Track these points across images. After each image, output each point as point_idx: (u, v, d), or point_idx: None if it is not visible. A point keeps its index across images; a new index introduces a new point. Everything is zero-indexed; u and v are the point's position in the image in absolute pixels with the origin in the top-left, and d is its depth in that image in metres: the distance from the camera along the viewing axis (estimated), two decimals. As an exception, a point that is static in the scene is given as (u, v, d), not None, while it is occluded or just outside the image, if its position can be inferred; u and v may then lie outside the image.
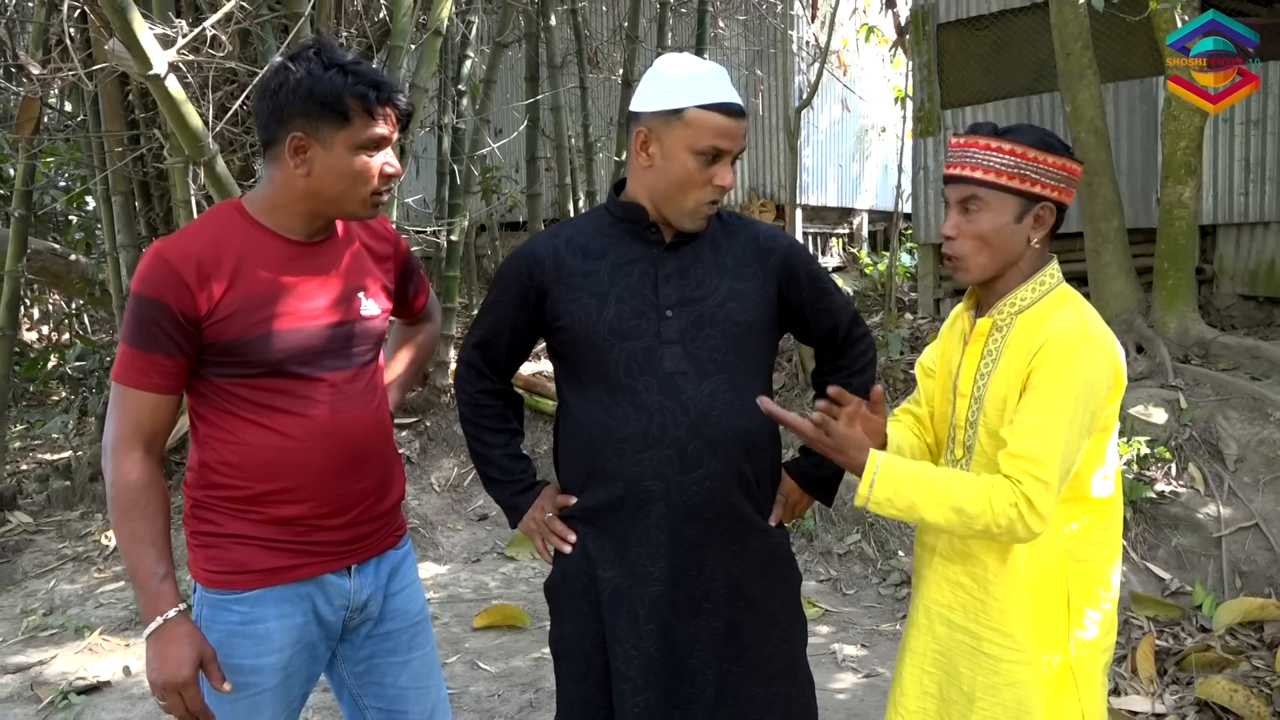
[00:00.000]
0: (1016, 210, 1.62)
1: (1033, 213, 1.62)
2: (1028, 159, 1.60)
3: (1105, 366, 1.57)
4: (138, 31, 3.31)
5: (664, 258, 1.79)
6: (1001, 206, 1.62)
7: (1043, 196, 1.61)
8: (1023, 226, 1.63)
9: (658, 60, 1.80)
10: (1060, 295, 1.65)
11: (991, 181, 1.61)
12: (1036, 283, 1.66)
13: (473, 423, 1.96)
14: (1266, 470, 4.10)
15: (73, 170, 7.69)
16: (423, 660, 1.88)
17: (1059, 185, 1.62)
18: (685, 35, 7.98)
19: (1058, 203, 1.63)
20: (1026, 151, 1.60)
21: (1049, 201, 1.62)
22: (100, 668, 3.72)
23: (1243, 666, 3.30)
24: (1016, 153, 1.60)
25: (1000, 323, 1.67)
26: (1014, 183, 1.60)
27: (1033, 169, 1.60)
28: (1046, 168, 1.60)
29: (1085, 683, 1.65)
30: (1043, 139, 1.61)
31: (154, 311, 1.57)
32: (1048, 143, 1.61)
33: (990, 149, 1.61)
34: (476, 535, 5.33)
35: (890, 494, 1.57)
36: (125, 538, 1.60)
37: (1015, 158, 1.60)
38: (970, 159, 1.63)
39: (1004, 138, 1.61)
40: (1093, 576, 1.66)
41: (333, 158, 1.62)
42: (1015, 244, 1.64)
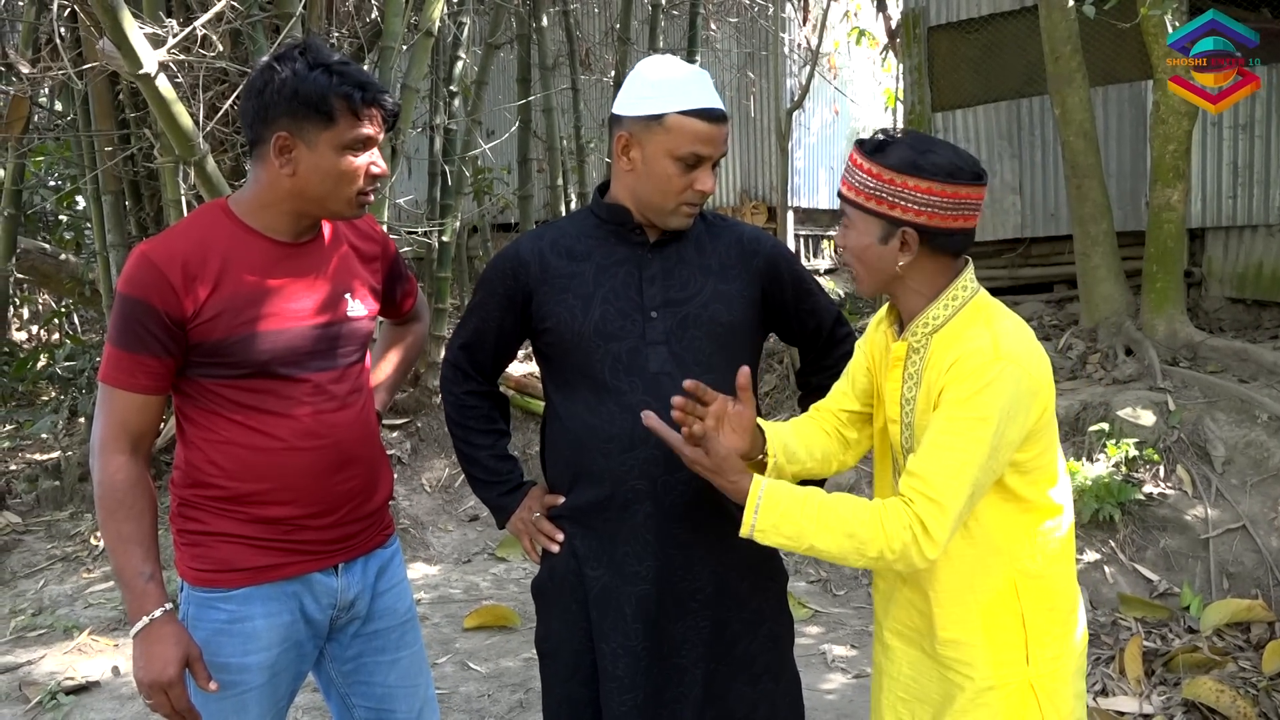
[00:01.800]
0: (879, 232, 1.55)
1: (896, 236, 1.53)
2: (883, 180, 1.51)
3: (1022, 384, 1.48)
4: (128, 31, 3.30)
5: (648, 259, 1.80)
6: (865, 227, 1.56)
7: (903, 221, 1.52)
8: (889, 249, 1.55)
9: (640, 63, 1.81)
10: (974, 310, 1.56)
11: (853, 200, 1.56)
12: (948, 299, 1.57)
13: (459, 424, 1.97)
14: (1254, 472, 4.12)
15: (63, 169, 7.67)
16: (411, 659, 1.88)
17: (926, 210, 1.51)
18: (677, 37, 7.99)
19: (925, 227, 1.52)
20: (883, 173, 1.51)
21: (909, 226, 1.52)
22: (89, 668, 3.71)
23: (1229, 667, 3.32)
24: (873, 173, 1.53)
25: (915, 344, 1.60)
26: (870, 204, 1.54)
27: (889, 191, 1.51)
28: (907, 191, 1.50)
29: (1049, 700, 1.58)
30: (912, 161, 1.51)
31: (140, 313, 1.57)
32: (917, 165, 1.50)
33: (859, 168, 1.55)
34: (467, 536, 5.33)
35: (775, 521, 1.49)
36: (112, 537, 1.60)
37: (873, 179, 1.53)
38: (845, 173, 1.59)
39: (872, 157, 1.54)
40: (1048, 590, 1.59)
41: (318, 157, 1.62)
42: (885, 266, 1.56)
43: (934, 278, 1.58)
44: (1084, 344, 5.58)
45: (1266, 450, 4.15)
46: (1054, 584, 1.60)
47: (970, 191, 1.52)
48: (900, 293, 1.60)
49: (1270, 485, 4.07)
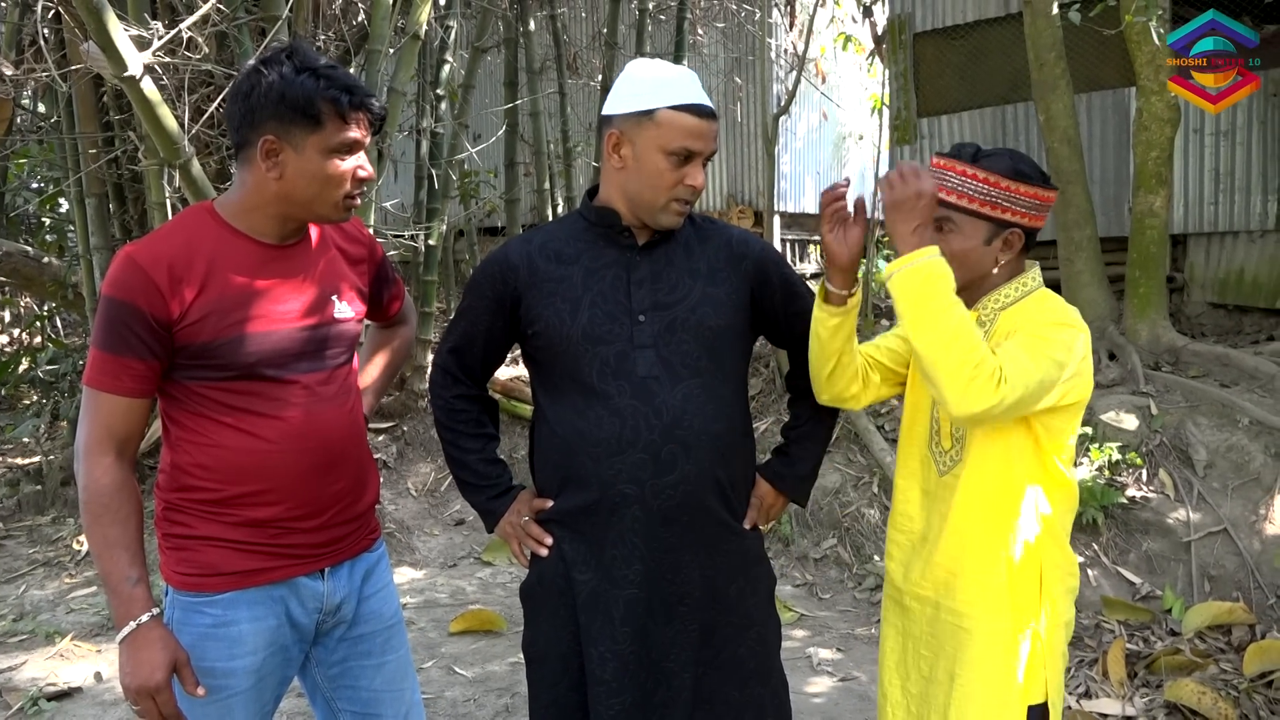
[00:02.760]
0: (986, 234, 1.69)
1: (1001, 237, 1.70)
2: (999, 187, 1.66)
3: (1085, 346, 1.64)
4: (113, 33, 3.29)
5: (637, 262, 1.81)
6: (972, 230, 1.69)
7: (1012, 223, 1.68)
8: (991, 249, 1.70)
9: (629, 65, 1.82)
10: (1045, 295, 1.74)
11: (964, 207, 1.68)
12: (1019, 283, 1.74)
13: (448, 428, 1.96)
14: (1235, 476, 4.16)
15: (46, 172, 7.62)
16: (397, 664, 1.88)
17: (1029, 212, 1.69)
18: (664, 42, 8.01)
19: (1027, 228, 1.70)
20: (999, 180, 1.66)
21: (1018, 227, 1.69)
22: (71, 673, 3.68)
23: (1211, 669, 3.35)
24: (990, 181, 1.66)
25: (984, 318, 1.74)
26: (985, 209, 1.67)
27: (1004, 197, 1.66)
28: (1018, 196, 1.67)
29: (1052, 655, 1.72)
30: (1017, 168, 1.67)
31: (125, 315, 1.56)
32: (1022, 172, 1.67)
33: (966, 175, 1.67)
34: (453, 540, 5.31)
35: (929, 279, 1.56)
36: (98, 542, 1.59)
37: (988, 186, 1.66)
38: (947, 182, 1.69)
39: (979, 164, 1.67)
40: (1062, 549, 1.74)
41: (304, 161, 1.62)
42: (984, 265, 1.72)
43: (1013, 268, 1.75)
44: (1068, 349, 5.62)
45: (1247, 454, 4.19)
46: (1066, 549, 1.74)
47: (1051, 195, 1.71)
48: (980, 284, 1.74)
49: (1251, 489, 4.11)
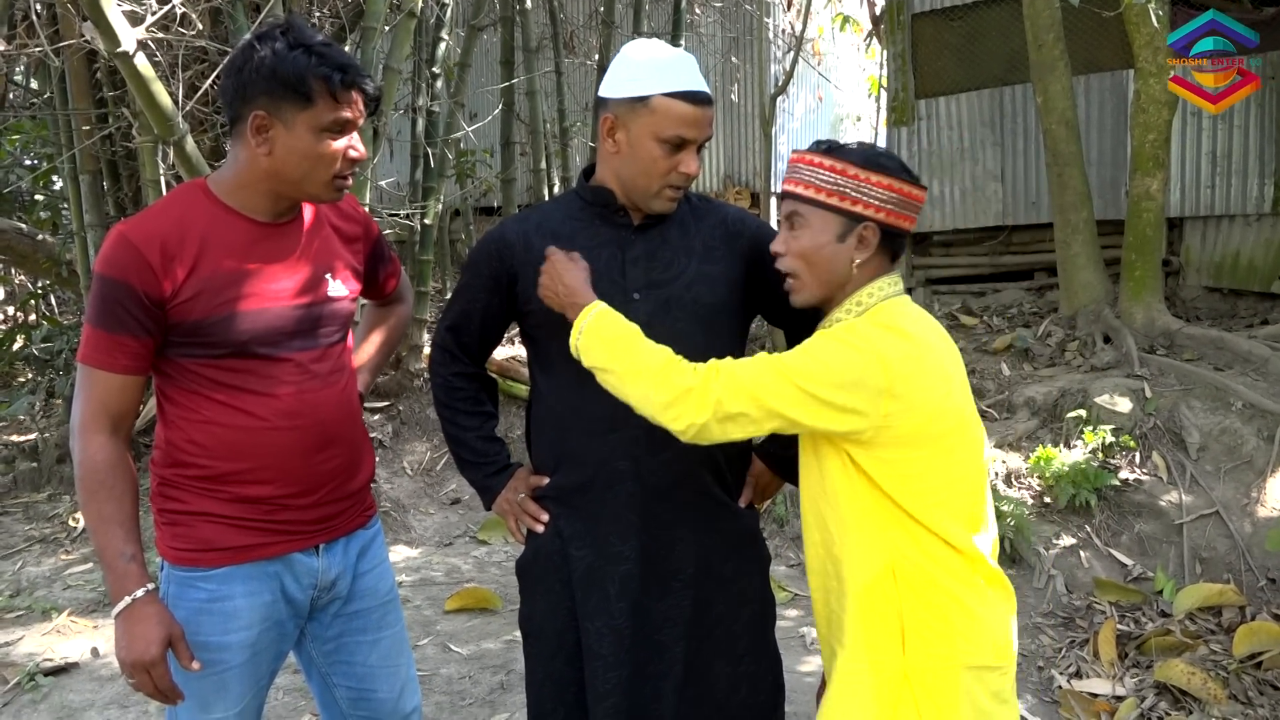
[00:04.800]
0: (838, 229, 1.57)
1: (855, 233, 1.57)
2: (848, 176, 1.56)
3: (873, 363, 1.48)
4: (106, 8, 3.26)
5: (632, 241, 1.80)
6: (822, 225, 1.58)
7: (864, 216, 1.56)
8: (845, 247, 1.58)
9: (626, 46, 1.80)
10: (884, 309, 1.58)
11: (810, 198, 1.58)
12: (852, 303, 1.60)
13: (447, 405, 1.97)
14: (1228, 459, 4.18)
15: (39, 148, 7.57)
16: (392, 640, 1.89)
17: (885, 206, 1.56)
18: (661, 21, 7.96)
19: (884, 225, 1.57)
20: (848, 169, 1.56)
21: (871, 222, 1.57)
22: (68, 649, 3.70)
23: (1201, 650, 3.37)
24: (837, 169, 1.56)
25: None
26: (833, 200, 1.56)
27: (854, 187, 1.56)
28: (870, 186, 1.56)
29: (928, 694, 1.52)
30: (872, 158, 1.57)
31: (118, 293, 1.56)
32: (877, 162, 1.57)
33: (814, 164, 1.58)
34: (449, 519, 5.33)
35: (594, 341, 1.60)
36: (93, 518, 1.60)
37: (836, 175, 1.56)
38: (796, 174, 1.60)
39: (831, 153, 1.58)
40: (933, 589, 1.54)
41: (294, 139, 1.61)
42: (838, 264, 1.59)
43: (865, 278, 1.60)
44: (1063, 331, 5.64)
45: (1240, 437, 4.21)
46: (944, 588, 1.53)
47: (918, 193, 1.59)
48: (839, 298, 1.62)
49: (1243, 472, 4.13)
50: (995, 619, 1.57)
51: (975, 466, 1.60)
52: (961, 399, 1.58)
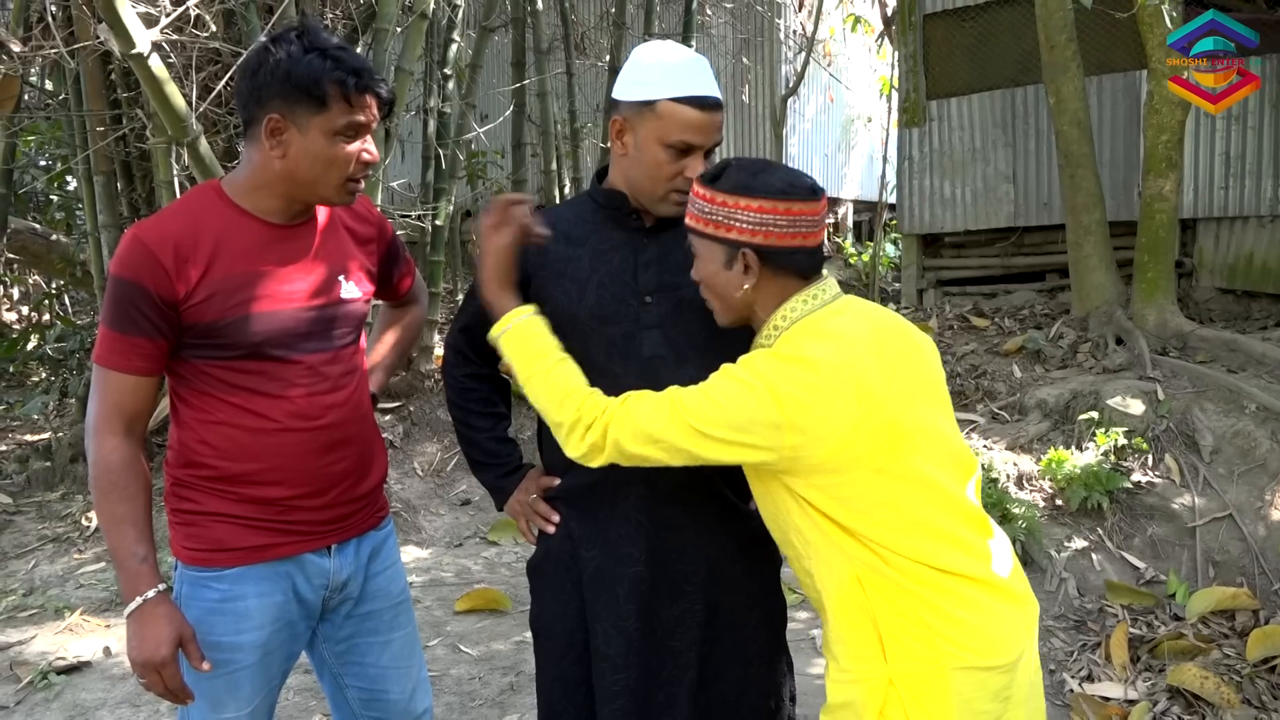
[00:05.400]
0: (722, 257, 1.56)
1: (739, 260, 1.55)
2: (718, 204, 1.54)
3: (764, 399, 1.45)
4: (120, 9, 3.28)
5: (644, 244, 1.81)
6: (708, 254, 1.58)
7: (739, 242, 1.54)
8: (733, 274, 1.56)
9: (637, 48, 1.80)
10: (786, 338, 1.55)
11: (693, 227, 1.60)
12: (769, 329, 1.58)
13: (460, 407, 1.98)
14: (1241, 462, 4.16)
15: (54, 149, 7.62)
16: (403, 641, 1.89)
17: (760, 229, 1.52)
18: (672, 22, 7.96)
19: (761, 247, 1.53)
20: (716, 197, 1.54)
21: (746, 247, 1.53)
22: (80, 648, 3.72)
23: (1214, 654, 3.36)
24: (711, 199, 1.55)
25: None
26: (709, 229, 1.56)
27: (725, 214, 1.53)
28: (739, 211, 1.52)
29: (916, 700, 1.50)
30: (744, 183, 1.53)
31: (132, 295, 1.57)
32: (748, 186, 1.52)
33: (696, 195, 1.58)
34: (459, 520, 5.34)
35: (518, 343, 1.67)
36: (106, 518, 1.61)
37: (710, 204, 1.55)
38: (689, 204, 1.61)
39: (710, 184, 1.55)
40: (903, 594, 1.51)
41: (308, 142, 1.61)
42: (731, 291, 1.57)
43: (774, 300, 1.58)
44: (1075, 333, 5.61)
45: (1254, 440, 4.19)
46: (915, 594, 1.51)
47: (805, 207, 1.54)
48: (754, 323, 1.62)
49: (1257, 475, 4.11)
50: (987, 620, 1.54)
51: (925, 480, 1.53)
52: (898, 411, 1.51)
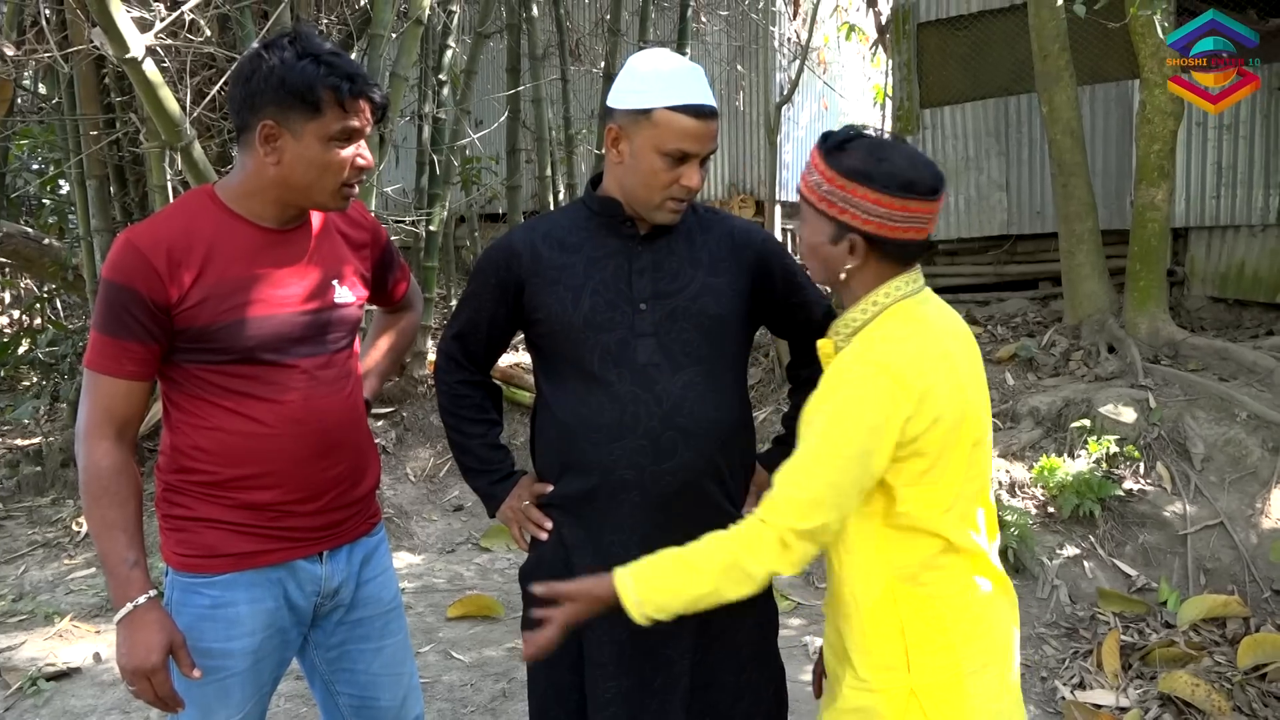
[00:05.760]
0: (830, 233, 1.50)
1: (845, 240, 1.49)
2: (833, 184, 1.47)
3: (889, 394, 1.42)
4: (115, 14, 3.28)
5: (639, 251, 1.81)
6: (816, 226, 1.52)
7: (851, 227, 1.47)
8: (838, 251, 1.50)
9: (633, 56, 1.81)
10: (891, 315, 1.52)
11: (807, 199, 1.53)
12: (868, 303, 1.53)
13: (452, 413, 1.97)
14: (1232, 470, 4.17)
15: (46, 153, 7.61)
16: (395, 648, 1.89)
17: (873, 219, 1.46)
18: (667, 30, 7.99)
19: (873, 236, 1.47)
20: (835, 177, 1.47)
21: (856, 234, 1.47)
22: (70, 654, 3.70)
23: (1205, 662, 3.36)
24: (826, 175, 1.48)
25: (840, 344, 1.58)
26: (822, 205, 1.49)
27: (838, 197, 1.47)
28: (853, 198, 1.46)
29: (937, 708, 1.51)
30: (866, 170, 1.45)
31: (125, 299, 1.57)
32: (869, 175, 1.44)
33: (815, 167, 1.51)
34: (452, 526, 5.33)
35: (652, 594, 1.50)
36: (97, 524, 1.60)
37: (824, 180, 1.48)
38: (806, 169, 1.54)
39: (828, 156, 1.49)
40: (933, 605, 1.52)
41: (303, 148, 1.61)
42: (833, 265, 1.53)
43: (871, 282, 1.53)
44: (1067, 341, 5.63)
45: (1245, 448, 4.20)
46: (944, 602, 1.53)
47: (922, 206, 1.47)
48: (843, 292, 1.58)
49: (1248, 483, 4.12)
50: (993, 616, 1.57)
51: (984, 470, 1.57)
52: (975, 397, 1.53)
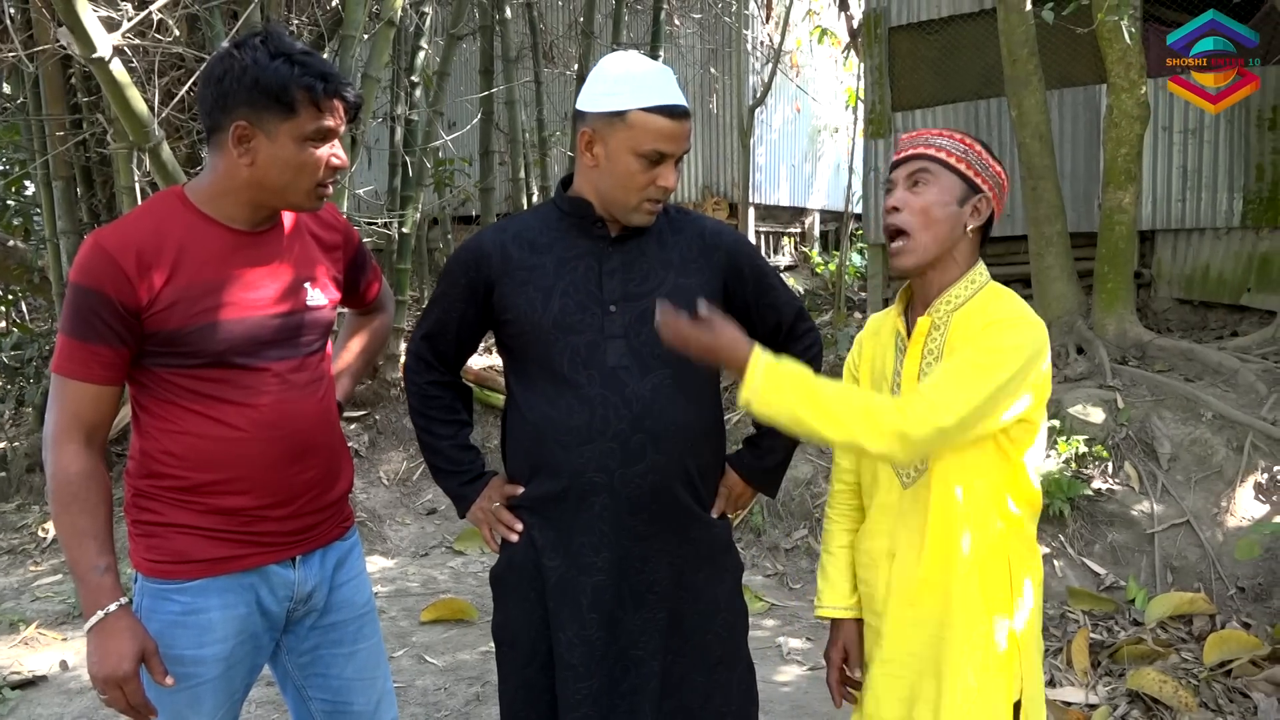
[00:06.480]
0: (960, 193, 1.68)
1: (972, 201, 1.69)
2: (975, 151, 1.70)
3: (1039, 344, 1.64)
4: (81, 13, 3.24)
5: (609, 253, 1.81)
6: (948, 185, 1.68)
7: (981, 189, 1.70)
8: (964, 211, 1.69)
9: (603, 59, 1.81)
10: (994, 291, 1.73)
11: (943, 159, 1.69)
12: (968, 280, 1.72)
13: (422, 414, 1.97)
14: (1198, 469, 4.23)
15: (11, 154, 7.50)
16: (369, 652, 1.87)
17: (995, 187, 1.72)
18: (641, 32, 8.00)
19: (992, 204, 1.72)
20: (974, 145, 1.71)
21: (986, 196, 1.70)
22: (36, 662, 3.65)
23: (1172, 659, 3.41)
24: (967, 142, 1.71)
25: (938, 320, 1.71)
26: (961, 166, 1.69)
27: (978, 162, 1.70)
28: (989, 166, 1.71)
29: (1026, 652, 1.68)
30: (987, 145, 1.74)
31: (93, 302, 1.55)
32: (992, 151, 1.73)
33: (944, 135, 1.72)
34: (425, 529, 5.30)
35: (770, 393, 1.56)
36: (66, 531, 1.58)
37: (966, 146, 1.70)
38: (924, 141, 1.72)
39: (958, 132, 1.73)
40: (1028, 543, 1.73)
41: (277, 148, 1.60)
42: (955, 226, 1.68)
43: (971, 255, 1.73)
44: (1037, 342, 5.68)
45: (1210, 448, 4.26)
46: (1029, 538, 1.74)
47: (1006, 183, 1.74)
48: (944, 263, 1.70)
49: (1213, 481, 4.18)
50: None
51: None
52: None
